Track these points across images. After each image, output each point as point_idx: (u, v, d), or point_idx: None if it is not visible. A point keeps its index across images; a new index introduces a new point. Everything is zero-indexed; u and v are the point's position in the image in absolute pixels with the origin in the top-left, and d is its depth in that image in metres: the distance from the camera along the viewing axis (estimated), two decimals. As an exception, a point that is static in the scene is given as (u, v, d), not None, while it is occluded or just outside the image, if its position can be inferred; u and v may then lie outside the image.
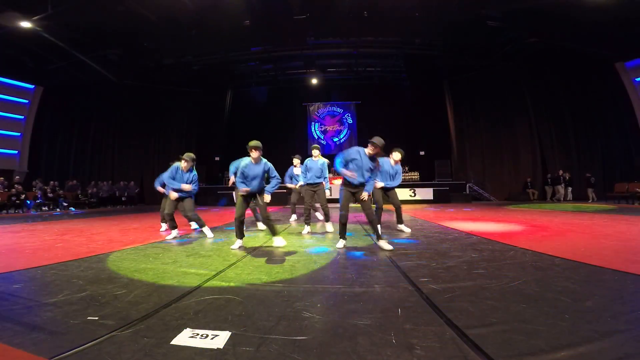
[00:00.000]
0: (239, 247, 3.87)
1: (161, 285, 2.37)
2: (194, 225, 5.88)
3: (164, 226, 5.74)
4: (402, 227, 5.11)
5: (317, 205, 6.26)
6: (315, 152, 5.60)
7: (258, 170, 3.89)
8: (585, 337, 1.44)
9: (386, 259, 3.14)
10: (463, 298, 1.99)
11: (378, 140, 3.63)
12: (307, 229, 5.09)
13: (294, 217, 6.99)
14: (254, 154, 3.86)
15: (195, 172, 5.11)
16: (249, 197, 3.97)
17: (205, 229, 5.02)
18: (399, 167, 4.95)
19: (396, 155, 4.85)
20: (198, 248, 3.93)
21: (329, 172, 6.80)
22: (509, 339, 1.44)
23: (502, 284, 2.25)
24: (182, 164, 4.91)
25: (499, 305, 1.86)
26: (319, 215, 6.89)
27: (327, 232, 5.13)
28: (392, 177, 4.89)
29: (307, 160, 5.65)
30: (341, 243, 3.81)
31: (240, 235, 3.94)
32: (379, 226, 3.85)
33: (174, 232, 4.90)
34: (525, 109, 14.77)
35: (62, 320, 1.74)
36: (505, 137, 15.26)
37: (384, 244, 3.63)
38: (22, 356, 1.36)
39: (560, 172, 13.14)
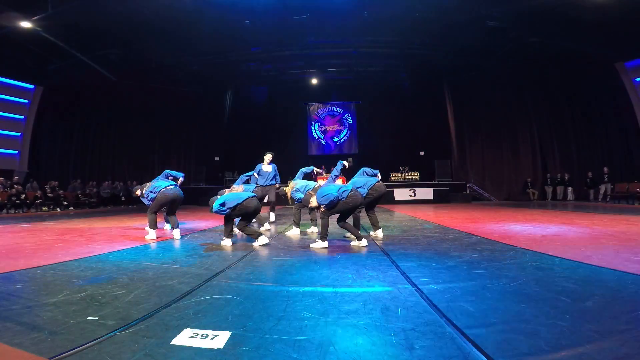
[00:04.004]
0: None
1: (161, 285, 2.37)
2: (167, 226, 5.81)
3: (168, 226, 5.78)
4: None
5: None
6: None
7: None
8: (585, 337, 1.44)
9: (386, 259, 3.14)
10: (463, 298, 1.99)
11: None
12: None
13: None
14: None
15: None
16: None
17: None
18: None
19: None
20: (198, 248, 3.93)
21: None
22: (509, 339, 1.44)
23: (502, 284, 2.25)
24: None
25: (499, 305, 1.86)
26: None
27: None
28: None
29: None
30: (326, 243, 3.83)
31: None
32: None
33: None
34: (525, 109, 14.76)
35: (62, 320, 1.74)
36: (505, 137, 15.25)
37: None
38: (22, 356, 1.36)
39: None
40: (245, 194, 4.14)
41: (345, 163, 4.72)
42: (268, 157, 6.55)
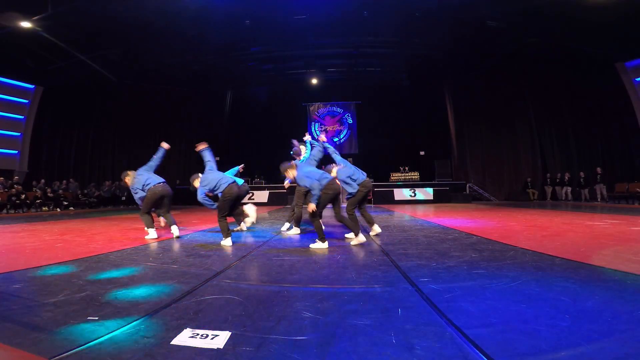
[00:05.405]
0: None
1: (161, 285, 2.37)
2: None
3: (163, 221, 5.77)
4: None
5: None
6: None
7: None
8: (585, 337, 1.44)
9: (386, 259, 3.14)
10: (463, 298, 1.99)
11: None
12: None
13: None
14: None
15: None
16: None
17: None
18: None
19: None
20: (198, 248, 3.93)
21: None
22: (509, 339, 1.44)
23: (502, 284, 2.25)
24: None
25: (499, 305, 1.86)
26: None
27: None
28: None
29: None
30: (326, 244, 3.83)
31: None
32: None
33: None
34: (525, 108, 14.77)
35: (62, 320, 1.74)
36: (505, 137, 15.26)
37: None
38: (22, 356, 1.36)
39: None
40: (225, 179, 4.20)
41: (323, 137, 4.39)
42: (301, 148, 5.35)
